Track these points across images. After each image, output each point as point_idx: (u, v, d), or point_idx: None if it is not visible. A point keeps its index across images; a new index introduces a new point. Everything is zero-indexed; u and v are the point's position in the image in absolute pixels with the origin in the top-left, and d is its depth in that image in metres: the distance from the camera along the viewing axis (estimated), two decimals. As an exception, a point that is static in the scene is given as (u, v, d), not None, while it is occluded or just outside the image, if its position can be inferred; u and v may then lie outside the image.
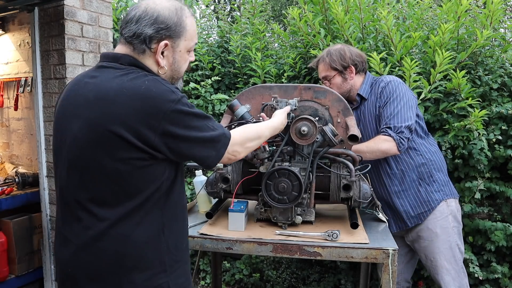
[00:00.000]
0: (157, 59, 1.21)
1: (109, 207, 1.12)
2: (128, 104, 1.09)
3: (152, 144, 1.10)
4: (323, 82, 2.15)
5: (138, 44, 1.18)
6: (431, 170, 2.03)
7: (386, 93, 2.00)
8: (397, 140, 1.89)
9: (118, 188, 1.12)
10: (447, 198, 2.03)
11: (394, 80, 2.02)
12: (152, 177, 1.14)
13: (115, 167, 1.10)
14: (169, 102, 1.11)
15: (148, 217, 1.15)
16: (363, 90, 2.10)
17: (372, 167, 2.05)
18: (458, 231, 2.06)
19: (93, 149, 1.11)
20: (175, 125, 1.12)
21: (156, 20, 1.17)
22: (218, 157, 1.24)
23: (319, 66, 2.14)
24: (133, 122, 1.08)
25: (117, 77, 1.14)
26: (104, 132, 1.09)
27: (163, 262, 1.17)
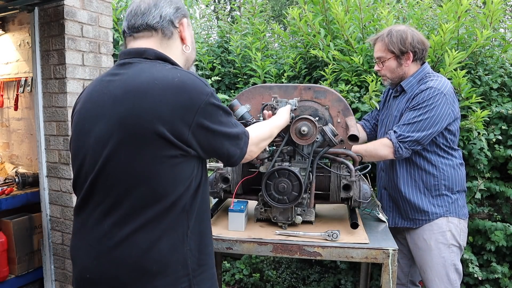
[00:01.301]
0: (184, 37, 1.21)
1: (135, 211, 1.06)
2: (162, 97, 1.03)
3: (186, 139, 1.05)
4: (376, 62, 2.03)
5: (167, 26, 1.17)
6: (440, 185, 1.94)
7: (419, 98, 1.87)
8: (395, 146, 1.85)
9: (147, 190, 1.06)
10: (449, 215, 1.95)
11: (436, 88, 1.86)
12: (182, 177, 1.08)
13: (145, 166, 1.04)
14: (204, 95, 1.08)
15: (175, 221, 1.09)
16: (407, 83, 1.97)
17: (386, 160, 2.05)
18: (457, 250, 1.96)
19: (122, 148, 1.05)
20: (208, 119, 1.08)
21: (171, 1, 1.19)
22: (242, 155, 1.22)
23: (376, 45, 2.00)
24: (167, 116, 1.03)
25: (145, 70, 1.09)
26: (135, 127, 1.03)
27: (186, 265, 1.12)
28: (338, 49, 2.86)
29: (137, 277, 1.07)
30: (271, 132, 1.45)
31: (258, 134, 1.34)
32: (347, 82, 2.80)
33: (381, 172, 2.15)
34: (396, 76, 1.99)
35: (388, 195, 2.08)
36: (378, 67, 2.02)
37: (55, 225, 2.71)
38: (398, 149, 1.85)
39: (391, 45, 1.92)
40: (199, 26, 4.10)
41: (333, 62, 2.81)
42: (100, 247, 1.09)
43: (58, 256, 2.73)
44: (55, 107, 2.58)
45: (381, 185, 2.14)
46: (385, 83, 2.07)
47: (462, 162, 2.03)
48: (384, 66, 1.99)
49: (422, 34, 2.01)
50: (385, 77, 2.03)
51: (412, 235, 2.03)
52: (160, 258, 1.08)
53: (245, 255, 3.28)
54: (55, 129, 2.60)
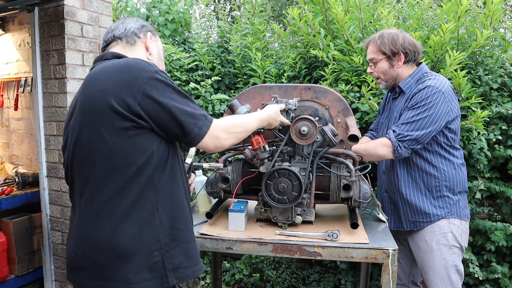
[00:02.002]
0: (148, 46, 1.42)
1: (100, 185, 1.18)
2: (109, 77, 1.20)
3: (134, 110, 1.16)
4: (369, 64, 2.05)
5: (130, 36, 1.39)
6: (441, 185, 1.93)
7: (418, 97, 1.87)
8: (394, 146, 1.85)
9: (108, 163, 1.17)
10: (451, 217, 1.94)
11: (434, 86, 1.86)
12: (140, 149, 1.18)
13: (103, 140, 1.17)
14: (147, 71, 1.20)
15: (141, 194, 1.18)
16: (405, 83, 1.98)
17: (387, 162, 2.05)
18: (458, 252, 1.96)
19: (83, 129, 1.21)
20: (154, 92, 1.18)
21: (137, 21, 1.44)
22: (201, 135, 1.26)
23: (369, 47, 2.04)
24: (114, 90, 1.17)
25: (101, 66, 1.28)
26: (90, 107, 1.20)
27: (157, 240, 1.20)
28: (338, 49, 2.86)
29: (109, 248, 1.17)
30: (245, 121, 1.46)
31: (226, 121, 1.39)
32: (347, 82, 2.80)
33: (382, 175, 2.14)
34: (389, 77, 2.01)
35: (389, 198, 2.07)
36: (371, 69, 2.05)
37: (55, 225, 2.71)
38: (397, 148, 1.85)
39: (383, 46, 1.96)
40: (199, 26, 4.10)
41: (333, 62, 2.81)
42: (79, 228, 1.23)
43: (58, 256, 2.73)
44: (55, 107, 2.58)
45: (383, 189, 2.13)
46: (380, 86, 2.07)
47: (463, 162, 2.03)
48: (376, 68, 2.01)
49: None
50: (379, 79, 2.04)
51: (413, 237, 2.02)
52: (132, 231, 1.17)
53: (245, 255, 3.28)
54: (55, 129, 2.60)
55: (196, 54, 3.49)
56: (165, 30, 3.76)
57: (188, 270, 1.25)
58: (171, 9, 3.79)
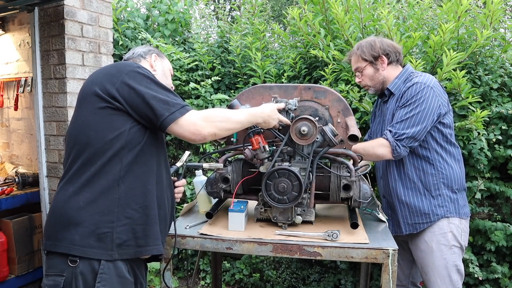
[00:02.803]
0: (151, 63, 1.61)
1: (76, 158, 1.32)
2: (99, 72, 1.41)
3: (112, 94, 1.31)
4: (356, 74, 2.10)
5: (136, 57, 1.61)
6: (439, 183, 1.93)
7: (407, 95, 1.90)
8: (393, 146, 1.84)
9: (84, 137, 1.32)
10: (450, 216, 1.94)
11: (422, 82, 1.89)
12: (112, 126, 1.31)
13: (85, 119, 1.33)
14: (130, 66, 1.36)
15: (106, 165, 1.30)
16: (393, 85, 2.01)
17: (382, 164, 2.05)
18: (458, 251, 1.96)
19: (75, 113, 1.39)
20: (132, 80, 1.32)
21: (145, 46, 1.67)
22: (172, 119, 1.32)
23: (352, 60, 2.09)
24: (100, 81, 1.34)
25: None
26: (82, 95, 1.38)
27: (111, 211, 1.29)
28: (338, 49, 2.86)
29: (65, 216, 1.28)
30: (231, 114, 1.49)
31: (208, 111, 1.47)
32: (347, 82, 2.80)
33: (380, 180, 2.12)
34: (377, 82, 2.03)
35: (387, 203, 2.06)
36: (359, 78, 2.08)
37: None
38: (396, 148, 1.84)
39: (363, 54, 2.01)
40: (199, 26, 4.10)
41: (333, 62, 2.81)
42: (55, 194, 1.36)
43: (58, 256, 2.73)
44: (55, 107, 2.58)
45: (381, 194, 2.13)
46: (370, 91, 2.09)
47: (460, 158, 2.02)
48: (362, 75, 2.04)
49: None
50: (367, 86, 2.07)
51: (413, 238, 2.01)
52: (89, 197, 1.28)
53: (245, 255, 3.28)
54: (55, 129, 2.60)
55: (196, 54, 3.49)
56: (165, 30, 3.76)
57: (130, 249, 1.31)
58: (171, 9, 3.79)
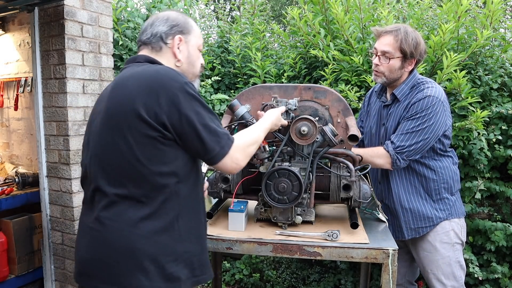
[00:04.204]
0: (174, 52, 1.35)
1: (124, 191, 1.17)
2: (137, 85, 1.19)
3: (160, 119, 1.15)
4: (377, 55, 1.89)
5: (155, 42, 1.34)
6: (440, 188, 1.93)
7: (416, 108, 1.81)
8: (393, 158, 1.83)
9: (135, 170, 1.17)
10: (451, 218, 1.95)
11: (434, 96, 1.81)
12: (165, 160, 1.18)
13: (130, 147, 1.16)
14: (176, 82, 1.19)
15: (165, 203, 1.18)
16: (400, 91, 1.91)
17: (382, 170, 2.02)
18: (460, 247, 1.98)
19: (112, 134, 1.20)
20: (181, 103, 1.17)
21: (167, 20, 1.35)
22: (223, 154, 1.24)
23: (385, 37, 1.86)
24: (143, 99, 1.16)
25: (131, 70, 1.28)
26: (119, 113, 1.18)
27: (174, 249, 1.20)
28: (338, 49, 2.86)
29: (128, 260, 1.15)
30: (257, 137, 1.43)
31: (244, 140, 1.34)
32: (347, 82, 2.80)
33: (378, 184, 2.09)
34: (393, 77, 1.90)
35: (386, 208, 2.03)
36: (378, 62, 1.89)
37: (55, 225, 2.71)
38: (396, 161, 1.83)
39: (406, 44, 1.81)
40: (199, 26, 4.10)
41: (333, 62, 2.81)
42: (95, 230, 1.20)
43: (58, 256, 2.73)
44: (55, 107, 2.58)
45: (379, 198, 2.11)
46: (378, 80, 1.93)
47: (456, 161, 2.03)
48: (385, 63, 1.86)
49: (422, 34, 1.99)
50: (381, 74, 1.90)
51: (415, 240, 2.01)
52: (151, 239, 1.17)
53: (245, 255, 3.28)
54: (55, 129, 2.60)
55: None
56: (165, 30, 3.76)
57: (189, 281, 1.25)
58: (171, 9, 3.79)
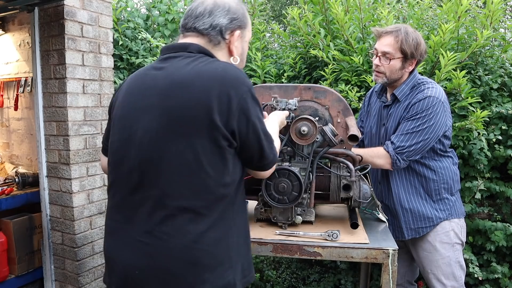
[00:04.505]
0: (232, 50, 1.24)
1: (186, 202, 1.07)
2: (207, 87, 1.07)
3: (231, 127, 1.08)
4: (378, 55, 1.89)
5: (214, 35, 1.20)
6: (440, 188, 1.93)
7: (416, 108, 1.81)
8: (393, 159, 1.82)
9: (197, 180, 1.07)
10: (451, 218, 1.96)
11: (434, 96, 1.81)
12: (229, 168, 1.11)
13: (196, 156, 1.06)
14: (245, 85, 1.11)
15: (225, 213, 1.12)
16: (400, 91, 1.91)
17: (382, 170, 2.01)
18: (460, 248, 1.99)
19: (173, 139, 1.07)
20: (249, 109, 1.10)
21: (228, 11, 1.21)
22: (274, 161, 1.21)
23: (385, 38, 1.86)
24: (214, 105, 1.05)
25: (189, 64, 1.13)
26: (185, 118, 1.06)
27: (229, 257, 1.14)
28: (338, 49, 2.86)
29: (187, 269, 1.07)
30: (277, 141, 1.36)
31: (277, 145, 1.31)
32: (347, 82, 2.80)
33: (378, 185, 2.09)
34: (394, 77, 1.90)
35: (386, 208, 2.03)
36: (378, 62, 1.89)
37: (55, 225, 2.71)
38: (396, 162, 1.83)
39: (406, 44, 1.81)
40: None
41: (333, 62, 2.81)
42: (152, 241, 1.08)
43: (58, 256, 2.73)
44: (55, 107, 2.58)
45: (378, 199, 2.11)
46: (379, 80, 1.93)
47: (456, 161, 2.03)
48: (386, 63, 1.86)
49: (422, 34, 1.98)
50: (382, 74, 1.90)
51: (415, 240, 2.02)
52: (210, 248, 1.09)
53: (245, 255, 3.28)
54: (55, 129, 2.60)
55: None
56: (165, 30, 3.76)
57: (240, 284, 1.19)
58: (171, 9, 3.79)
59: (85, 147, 2.67)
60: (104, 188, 2.81)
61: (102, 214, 2.81)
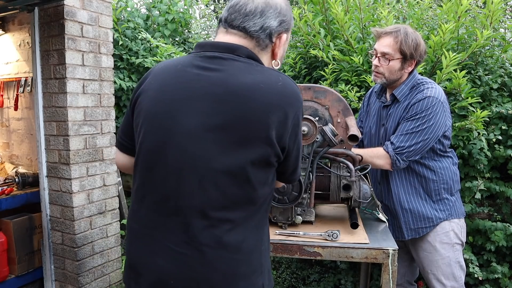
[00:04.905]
0: (276, 53, 1.16)
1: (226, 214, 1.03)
2: (266, 102, 1.01)
3: (284, 144, 1.05)
4: (377, 56, 1.88)
5: (263, 39, 1.12)
6: (440, 189, 1.93)
7: (416, 108, 1.81)
8: (393, 159, 1.82)
9: (241, 192, 1.03)
10: (451, 218, 1.96)
11: (434, 97, 1.80)
12: (270, 180, 1.09)
13: (244, 168, 1.01)
14: (300, 102, 1.08)
15: (258, 222, 1.10)
16: (400, 91, 1.91)
17: (382, 171, 2.01)
18: (460, 248, 1.99)
19: (220, 149, 1.00)
20: (298, 126, 1.08)
21: (280, 12, 1.13)
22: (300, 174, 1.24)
23: (385, 39, 1.85)
24: (274, 120, 1.01)
25: (245, 71, 1.05)
26: (241, 130, 1.00)
27: (260, 264, 1.11)
28: (338, 49, 2.86)
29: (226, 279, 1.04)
30: None
31: None
32: (347, 82, 2.80)
33: (378, 185, 2.09)
34: (393, 78, 1.89)
35: (386, 208, 2.03)
36: (378, 63, 1.88)
37: (55, 225, 2.71)
38: (396, 162, 1.83)
39: (405, 44, 1.81)
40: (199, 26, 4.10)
41: (333, 62, 2.81)
42: (190, 252, 1.03)
43: (58, 256, 2.73)
44: (55, 107, 2.58)
45: (378, 199, 2.11)
46: (378, 81, 1.93)
47: (456, 161, 2.03)
48: (385, 64, 1.86)
49: (422, 34, 1.98)
50: (381, 75, 1.90)
51: (414, 240, 2.02)
52: (246, 257, 1.07)
53: (245, 255, 3.28)
54: (55, 129, 2.60)
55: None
56: (165, 30, 3.76)
57: None
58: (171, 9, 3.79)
59: (85, 147, 2.67)
60: (104, 188, 2.81)
61: (102, 214, 2.81)
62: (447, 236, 1.95)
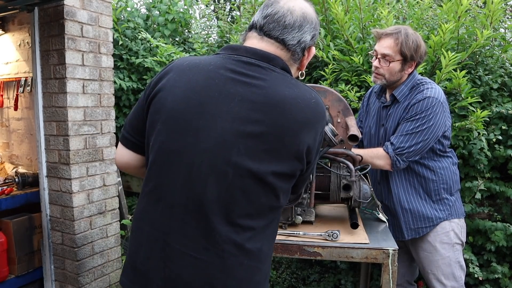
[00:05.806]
0: (304, 64, 1.18)
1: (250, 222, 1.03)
2: (302, 118, 1.03)
3: (309, 158, 1.07)
4: (378, 57, 1.88)
5: (299, 52, 1.13)
6: (440, 189, 1.93)
7: (416, 109, 1.81)
8: (393, 160, 1.82)
9: (266, 201, 1.03)
10: (451, 218, 1.96)
11: (433, 97, 1.80)
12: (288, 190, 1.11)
13: (272, 179, 1.01)
14: (325, 120, 1.12)
15: (273, 229, 1.12)
16: (399, 92, 1.91)
17: (382, 171, 2.01)
18: (460, 248, 1.99)
19: (251, 158, 1.00)
20: (321, 143, 1.12)
21: (314, 27, 1.14)
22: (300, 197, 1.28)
23: (385, 40, 1.85)
24: (303, 136, 1.03)
25: (283, 84, 1.05)
26: (275, 143, 1.00)
27: (269, 271, 1.14)
28: (338, 49, 2.86)
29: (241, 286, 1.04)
30: None
31: None
32: (347, 82, 2.80)
33: (377, 185, 2.09)
34: (393, 79, 1.90)
35: (386, 209, 2.03)
36: (379, 65, 1.88)
37: (55, 225, 2.71)
38: (396, 162, 1.83)
39: (406, 46, 1.81)
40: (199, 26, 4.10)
41: (333, 62, 2.81)
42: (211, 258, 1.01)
43: (58, 256, 2.73)
44: (55, 107, 2.58)
45: (378, 199, 2.11)
46: (378, 82, 1.93)
47: (456, 161, 2.03)
48: (386, 65, 1.86)
49: (422, 34, 1.98)
50: (381, 76, 1.90)
51: (415, 240, 2.02)
52: (262, 264, 1.07)
53: (245, 255, 3.27)
54: (55, 129, 2.60)
55: (196, 54, 3.49)
56: (165, 30, 3.76)
57: None
58: (171, 9, 3.79)
59: (85, 147, 2.67)
60: (104, 188, 2.81)
61: (102, 214, 2.81)
62: (447, 236, 1.95)
